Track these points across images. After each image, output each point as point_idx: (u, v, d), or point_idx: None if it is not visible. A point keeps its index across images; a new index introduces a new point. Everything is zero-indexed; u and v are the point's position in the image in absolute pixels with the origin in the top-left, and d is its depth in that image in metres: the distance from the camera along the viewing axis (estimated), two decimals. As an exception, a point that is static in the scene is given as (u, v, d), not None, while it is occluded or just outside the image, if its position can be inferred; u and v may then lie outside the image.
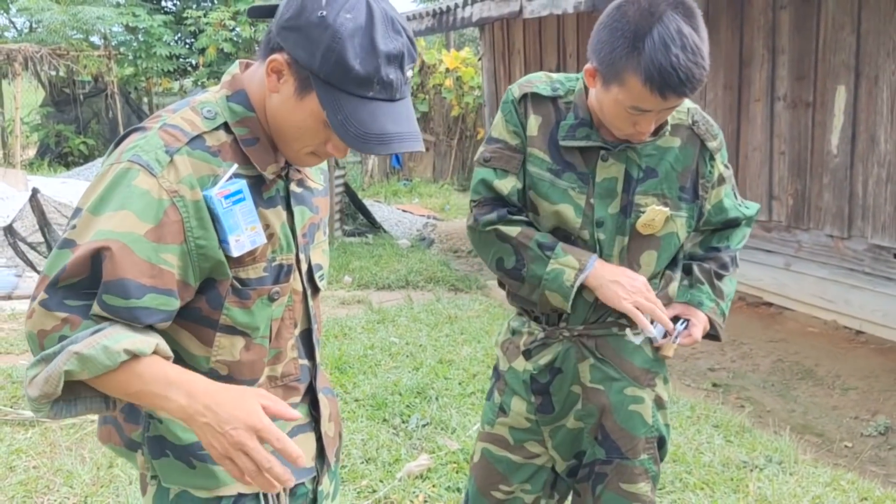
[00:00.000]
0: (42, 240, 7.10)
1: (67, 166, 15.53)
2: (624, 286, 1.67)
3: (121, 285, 1.15)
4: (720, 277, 1.86)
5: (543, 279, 1.69)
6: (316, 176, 1.47)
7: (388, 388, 4.17)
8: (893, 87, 4.89)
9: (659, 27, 1.47)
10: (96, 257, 1.14)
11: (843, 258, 5.35)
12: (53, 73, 16.06)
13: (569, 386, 1.81)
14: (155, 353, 1.16)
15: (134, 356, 1.13)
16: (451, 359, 4.66)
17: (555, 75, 1.78)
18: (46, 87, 17.12)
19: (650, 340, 1.79)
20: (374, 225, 9.29)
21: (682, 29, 1.47)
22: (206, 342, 1.29)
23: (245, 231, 1.24)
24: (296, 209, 1.37)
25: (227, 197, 1.22)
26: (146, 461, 1.35)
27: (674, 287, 1.83)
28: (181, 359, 1.29)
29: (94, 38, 16.78)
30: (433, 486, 3.17)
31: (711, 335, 1.87)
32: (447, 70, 12.96)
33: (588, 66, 1.62)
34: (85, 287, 1.15)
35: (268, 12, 1.27)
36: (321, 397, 1.48)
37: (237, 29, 16.08)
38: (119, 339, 1.12)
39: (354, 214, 9.53)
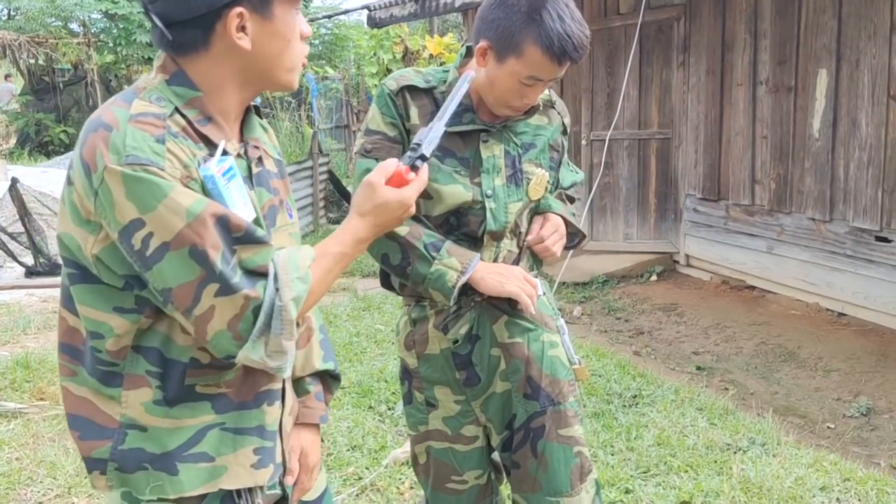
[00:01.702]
0: (22, 230, 7.03)
1: (48, 155, 15.40)
2: (503, 275, 1.80)
3: (244, 227, 1.18)
4: (571, 201, 2.08)
5: (427, 278, 1.77)
6: (271, 148, 1.43)
7: (374, 376, 4.16)
8: (874, 70, 4.92)
9: (550, 2, 1.65)
10: (221, 219, 1.15)
11: (825, 241, 5.39)
12: (32, 61, 15.88)
13: (489, 350, 1.89)
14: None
15: (313, 260, 1.24)
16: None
17: (424, 69, 1.90)
18: (25, 75, 16.92)
19: None
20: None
21: (568, 3, 1.68)
22: (186, 330, 1.23)
23: (240, 207, 1.23)
24: (255, 189, 1.32)
25: (224, 174, 1.20)
26: (109, 479, 1.26)
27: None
28: (161, 351, 1.24)
29: (73, 26, 16.58)
30: (419, 472, 3.18)
31: (572, 247, 2.04)
32: (431, 56, 12.90)
33: (480, 44, 1.73)
34: (228, 259, 1.15)
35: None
36: (288, 388, 1.43)
37: (218, 15, 15.92)
38: (296, 263, 1.20)
39: (339, 202, 9.50)
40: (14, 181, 7.17)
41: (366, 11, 9.42)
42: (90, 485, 1.32)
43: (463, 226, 1.83)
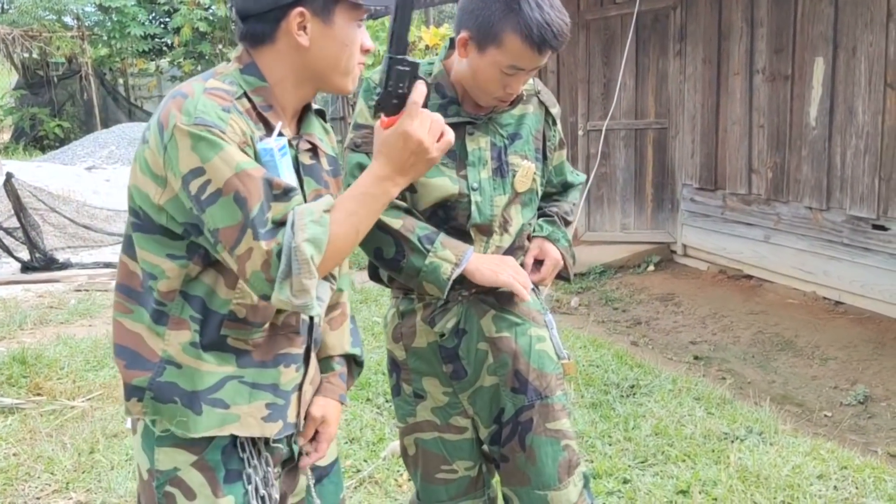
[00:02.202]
0: (18, 225, 7.01)
1: (43, 150, 15.34)
2: (497, 265, 1.80)
3: (283, 186, 1.30)
4: (567, 224, 2.05)
5: (422, 271, 1.77)
6: (325, 144, 1.55)
7: (372, 368, 4.16)
8: (871, 58, 4.90)
9: None
10: (266, 176, 1.28)
11: (822, 230, 5.39)
12: (26, 55, 15.81)
13: (476, 344, 1.89)
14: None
15: (328, 211, 1.30)
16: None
17: None
18: (19, 69, 16.84)
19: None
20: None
21: None
22: (231, 285, 1.39)
23: (288, 178, 1.37)
24: (304, 178, 1.46)
25: (279, 150, 1.36)
26: (145, 406, 1.40)
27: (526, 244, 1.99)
28: (205, 300, 1.39)
29: (67, 19, 16.50)
30: (417, 464, 3.18)
31: (562, 276, 2.02)
32: (427, 47, 12.85)
33: (461, 35, 1.73)
34: (265, 211, 1.27)
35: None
36: (312, 356, 1.55)
37: (212, 8, 15.85)
38: (311, 209, 1.28)
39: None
40: (9, 176, 7.14)
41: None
42: (126, 411, 1.46)
43: (451, 219, 1.83)
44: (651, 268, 6.55)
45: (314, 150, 1.50)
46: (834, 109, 5.20)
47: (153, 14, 17.37)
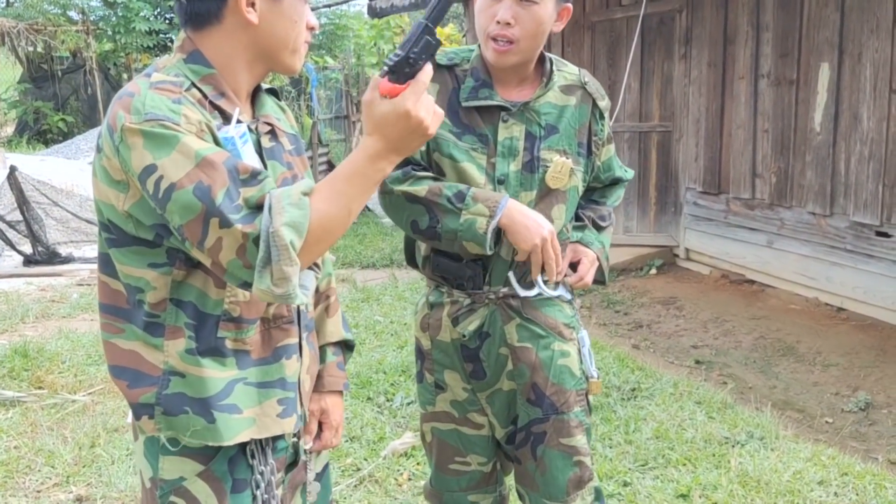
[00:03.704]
0: (21, 218, 7.01)
1: (46, 143, 15.33)
2: (531, 230, 1.73)
3: (250, 170, 1.23)
4: (601, 228, 2.01)
5: (458, 231, 1.74)
6: (284, 123, 1.51)
7: (373, 367, 4.16)
8: (877, 64, 4.90)
9: None
10: (229, 161, 1.22)
11: (826, 236, 5.38)
12: (31, 48, 15.79)
13: (497, 349, 1.88)
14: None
15: (308, 194, 1.22)
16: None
17: (449, 48, 1.88)
18: (24, 63, 16.83)
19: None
20: (357, 203, 9.23)
21: None
22: (221, 285, 1.34)
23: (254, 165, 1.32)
24: (267, 163, 1.41)
25: (240, 137, 1.31)
26: (158, 422, 1.36)
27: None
28: (197, 305, 1.34)
29: (72, 13, 16.48)
30: (417, 463, 3.18)
31: (598, 280, 1.99)
32: (431, 47, 12.85)
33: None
34: (233, 196, 1.20)
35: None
36: (304, 345, 1.50)
37: (218, 4, 15.81)
38: (289, 192, 1.20)
39: (338, 192, 9.46)
40: (12, 169, 7.14)
41: (367, 1, 9.38)
42: (139, 431, 1.41)
43: None
44: (653, 271, 6.54)
45: (273, 132, 1.46)
46: (839, 115, 5.20)
47: (158, 10, 17.36)
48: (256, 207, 1.20)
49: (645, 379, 4.03)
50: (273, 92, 1.55)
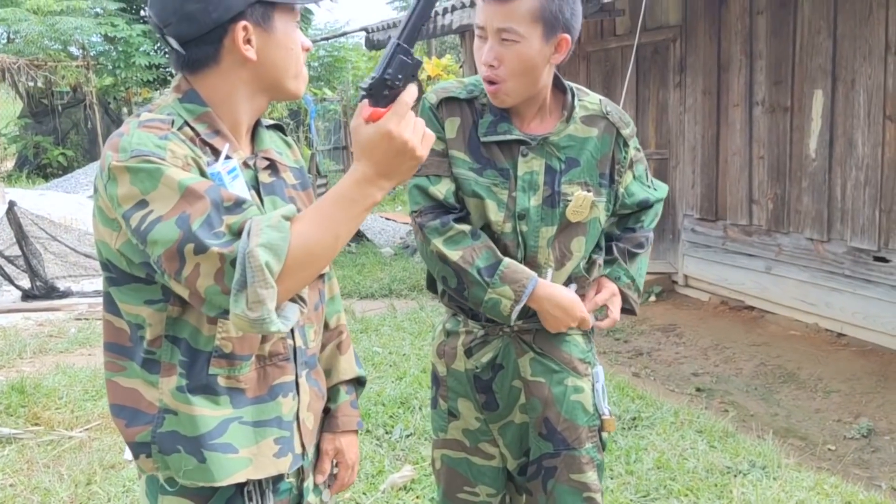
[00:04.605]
0: (19, 253, 7.01)
1: (46, 178, 15.39)
2: (559, 321, 1.79)
3: (234, 198, 1.23)
4: (634, 256, 1.97)
5: (483, 304, 1.75)
6: (287, 158, 1.52)
7: (372, 399, 4.14)
8: (870, 90, 4.93)
9: None
10: (212, 189, 1.21)
11: (824, 261, 5.38)
12: (31, 83, 15.91)
13: (510, 381, 1.87)
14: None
15: (289, 218, 1.20)
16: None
17: (467, 79, 1.85)
18: (24, 98, 16.95)
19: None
20: (356, 233, 9.25)
21: None
22: (213, 320, 1.33)
23: None
24: (266, 199, 1.41)
25: (228, 173, 1.31)
26: (155, 460, 1.35)
27: (598, 271, 1.95)
28: (189, 342, 1.33)
29: (73, 49, 16.64)
30: (417, 497, 3.15)
31: (626, 309, 1.97)
32: (429, 77, 12.96)
33: None
34: (214, 224, 1.19)
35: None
36: (302, 382, 1.47)
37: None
38: (269, 216, 1.19)
39: (337, 223, 9.47)
40: (11, 204, 7.16)
41: (364, 34, 9.46)
42: (139, 470, 1.42)
43: (499, 247, 1.79)
44: (652, 298, 6.53)
45: (273, 167, 1.45)
46: (833, 141, 5.22)
47: (158, 44, 17.53)
48: (238, 234, 1.19)
49: (645, 408, 4.01)
50: (279, 128, 1.56)
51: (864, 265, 5.09)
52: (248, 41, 1.33)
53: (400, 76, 1.22)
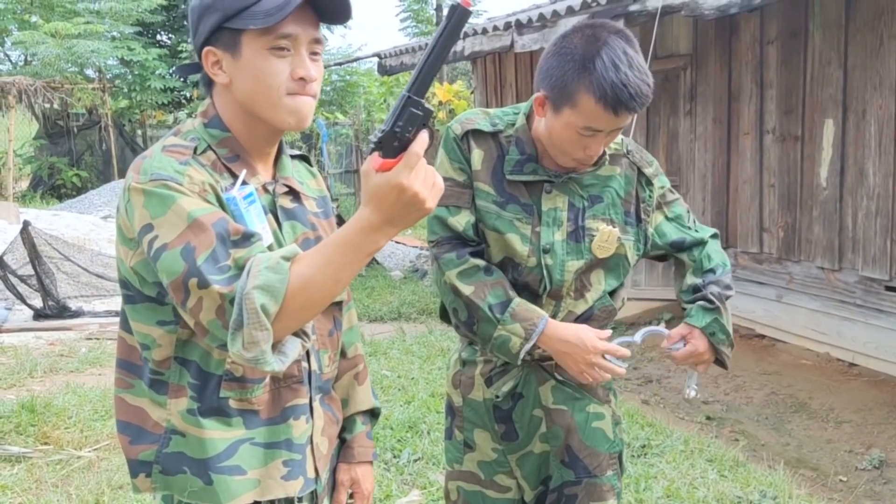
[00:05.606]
0: (32, 272, 7.07)
1: (60, 198, 15.53)
2: (575, 358, 1.72)
3: (241, 231, 1.25)
4: (727, 298, 1.91)
5: (492, 341, 1.74)
6: (308, 188, 1.54)
7: (380, 423, 4.13)
8: (881, 120, 4.94)
9: (606, 50, 1.59)
10: (220, 223, 1.23)
11: (835, 290, 5.36)
12: (48, 105, 16.12)
13: (531, 410, 1.85)
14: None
15: (289, 259, 1.20)
16: (444, 392, 4.62)
17: (492, 110, 1.85)
18: (40, 119, 17.17)
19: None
20: (366, 257, 9.26)
21: (626, 50, 1.60)
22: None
23: (257, 227, 1.34)
24: (285, 223, 1.43)
25: (244, 198, 1.33)
26: (154, 481, 1.37)
27: (621, 307, 1.95)
28: (200, 365, 1.35)
29: (89, 71, 16.87)
30: (424, 522, 3.13)
31: (719, 361, 1.93)
32: (440, 103, 13.04)
33: (537, 94, 1.70)
34: (220, 258, 1.21)
35: (195, 69, 1.43)
36: (316, 406, 1.48)
37: (231, 62, 16.16)
38: (269, 256, 1.20)
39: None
40: (26, 224, 7.23)
41: (376, 59, 9.56)
42: (133, 488, 1.42)
43: (519, 279, 1.78)
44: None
45: (295, 194, 1.46)
46: (844, 171, 5.23)
47: (173, 68, 17.75)
48: (244, 268, 1.20)
49: (655, 435, 3.98)
50: (305, 158, 1.60)
51: (876, 294, 5.07)
52: (218, 65, 1.35)
53: (410, 128, 1.20)
